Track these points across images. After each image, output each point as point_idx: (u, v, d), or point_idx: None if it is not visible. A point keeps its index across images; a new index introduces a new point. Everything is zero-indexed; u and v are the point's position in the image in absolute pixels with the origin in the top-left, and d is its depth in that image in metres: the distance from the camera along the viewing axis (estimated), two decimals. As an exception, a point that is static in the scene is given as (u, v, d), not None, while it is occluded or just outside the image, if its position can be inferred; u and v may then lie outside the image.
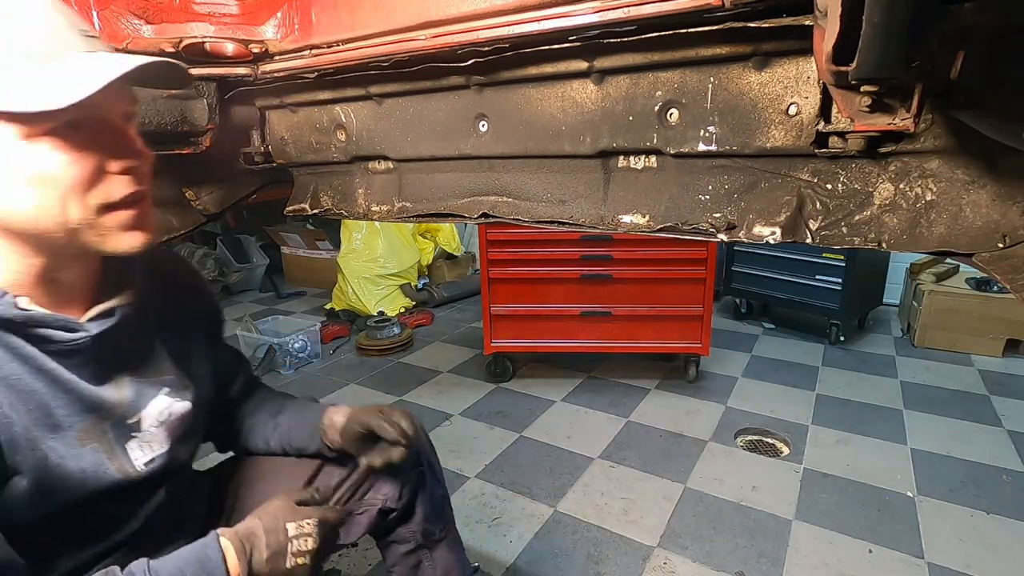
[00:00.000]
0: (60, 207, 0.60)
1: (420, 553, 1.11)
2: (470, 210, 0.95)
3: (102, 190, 0.62)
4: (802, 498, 2.02)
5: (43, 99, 0.55)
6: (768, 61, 0.65)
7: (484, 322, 2.84)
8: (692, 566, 1.71)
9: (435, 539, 1.12)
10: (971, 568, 1.69)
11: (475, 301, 4.38)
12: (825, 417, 2.59)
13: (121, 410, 0.74)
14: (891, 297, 3.90)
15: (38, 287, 0.66)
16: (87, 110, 0.58)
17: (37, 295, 0.66)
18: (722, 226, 0.75)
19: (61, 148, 0.59)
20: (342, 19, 0.81)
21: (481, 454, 2.34)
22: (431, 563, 1.12)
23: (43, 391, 0.66)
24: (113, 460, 0.73)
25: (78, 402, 0.69)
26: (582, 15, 0.65)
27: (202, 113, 0.97)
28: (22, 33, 0.57)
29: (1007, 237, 0.59)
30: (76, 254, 0.67)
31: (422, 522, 1.09)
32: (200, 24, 0.86)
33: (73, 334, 0.67)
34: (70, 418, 0.69)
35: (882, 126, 0.56)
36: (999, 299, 3.09)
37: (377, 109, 0.97)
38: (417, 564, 1.12)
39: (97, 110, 0.60)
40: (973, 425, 2.50)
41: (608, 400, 2.79)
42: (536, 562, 1.74)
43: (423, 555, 1.11)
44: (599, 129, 0.78)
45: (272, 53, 0.89)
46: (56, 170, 0.59)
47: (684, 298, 2.72)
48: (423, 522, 1.09)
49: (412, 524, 1.08)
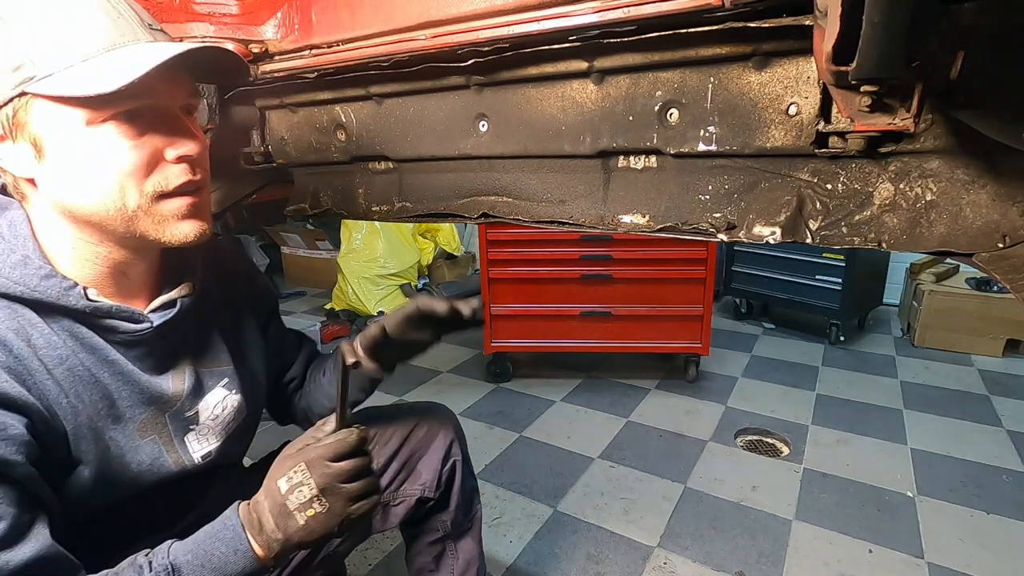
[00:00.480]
0: (119, 193, 0.62)
1: (445, 543, 1.12)
2: (470, 210, 0.95)
3: (159, 177, 0.64)
4: (802, 498, 2.02)
5: (99, 84, 0.57)
6: (768, 61, 0.65)
7: (484, 322, 2.85)
8: (692, 566, 1.71)
9: (463, 529, 1.13)
10: (971, 568, 1.69)
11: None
12: (825, 417, 2.59)
13: (180, 402, 0.76)
14: (891, 297, 3.90)
15: (107, 280, 0.68)
16: (146, 98, 0.61)
17: (105, 288, 0.68)
18: (722, 226, 0.75)
19: (122, 134, 0.61)
20: (342, 19, 0.81)
21: (481, 454, 2.34)
22: (454, 553, 1.13)
23: (108, 382, 0.67)
24: (171, 452, 0.75)
25: (140, 394, 0.70)
26: (582, 15, 0.65)
27: (202, 113, 0.97)
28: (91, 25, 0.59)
29: (1007, 237, 0.59)
30: (138, 245, 0.68)
31: (454, 512, 1.09)
32: (200, 24, 0.86)
33: (137, 325, 0.68)
34: (132, 410, 0.70)
35: (882, 126, 0.56)
36: (999, 299, 3.09)
37: (377, 109, 0.97)
38: (440, 553, 1.12)
39: (158, 98, 0.62)
40: (973, 425, 2.50)
41: (608, 400, 2.79)
42: (536, 562, 1.74)
43: (447, 545, 1.12)
44: (599, 129, 0.78)
45: (272, 53, 0.89)
46: (116, 155, 0.61)
47: (684, 298, 2.72)
48: (455, 512, 1.10)
49: (444, 514, 1.09)
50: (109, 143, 0.60)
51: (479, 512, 1.17)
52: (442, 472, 1.06)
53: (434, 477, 1.05)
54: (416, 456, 1.05)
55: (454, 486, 1.08)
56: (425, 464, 1.04)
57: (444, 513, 1.09)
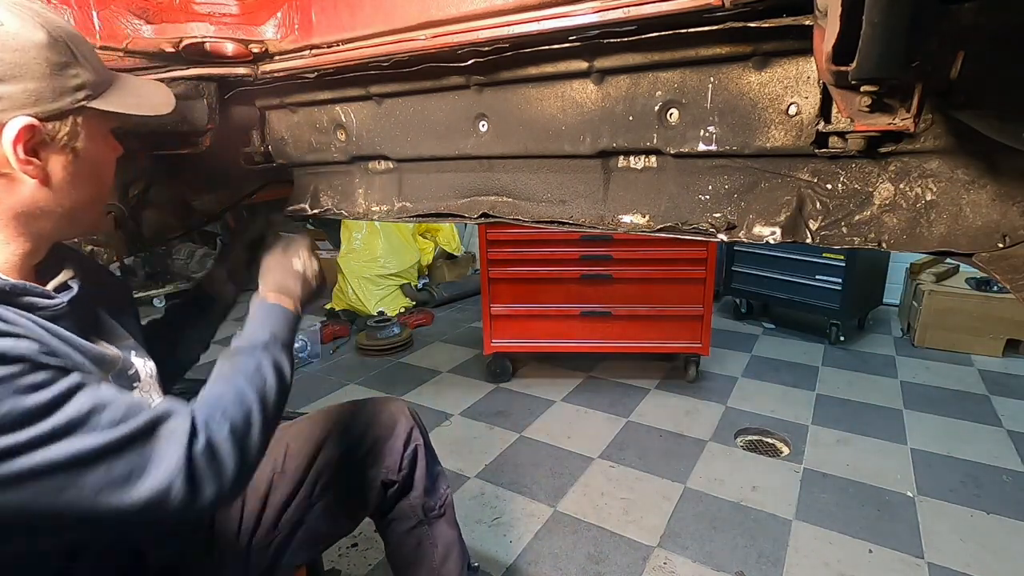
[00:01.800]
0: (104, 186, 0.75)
1: (420, 530, 1.14)
2: (470, 210, 0.95)
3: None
4: (802, 498, 2.02)
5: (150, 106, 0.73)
6: (768, 61, 0.65)
7: (484, 322, 2.85)
8: (692, 566, 1.71)
9: (435, 515, 1.15)
10: (971, 568, 1.69)
11: (475, 301, 4.38)
12: (825, 417, 2.59)
13: (121, 361, 0.79)
14: (891, 297, 3.90)
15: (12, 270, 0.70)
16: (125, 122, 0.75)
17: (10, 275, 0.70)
18: (722, 226, 0.75)
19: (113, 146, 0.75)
20: (342, 19, 0.81)
21: (481, 454, 2.34)
22: (431, 540, 1.14)
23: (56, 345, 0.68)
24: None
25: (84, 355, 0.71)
26: (582, 15, 0.64)
27: (202, 113, 0.96)
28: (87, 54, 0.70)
29: (1007, 237, 0.59)
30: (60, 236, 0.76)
31: (421, 495, 1.13)
32: (200, 24, 0.86)
33: (51, 300, 0.70)
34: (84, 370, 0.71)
35: (882, 126, 0.56)
36: (999, 299, 3.09)
37: (377, 109, 0.97)
38: (418, 542, 1.14)
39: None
40: (973, 425, 2.50)
41: (608, 400, 2.79)
42: (536, 562, 1.74)
43: (423, 532, 1.14)
44: (599, 129, 0.78)
45: (272, 53, 0.89)
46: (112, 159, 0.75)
47: (684, 298, 2.72)
48: (423, 496, 1.13)
49: (411, 498, 1.12)
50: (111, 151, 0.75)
51: (449, 496, 1.19)
52: (404, 456, 1.11)
53: (397, 460, 1.10)
54: (379, 443, 1.10)
55: (417, 469, 1.13)
56: (388, 449, 1.10)
57: (411, 497, 1.12)
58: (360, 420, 1.13)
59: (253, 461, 0.71)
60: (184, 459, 0.62)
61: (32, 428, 0.56)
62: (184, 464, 0.62)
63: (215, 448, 0.66)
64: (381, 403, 1.17)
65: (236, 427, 0.69)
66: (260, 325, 0.85)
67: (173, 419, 0.65)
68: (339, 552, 1.78)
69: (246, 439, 0.70)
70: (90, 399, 0.61)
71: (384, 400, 1.19)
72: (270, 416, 0.75)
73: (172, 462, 0.62)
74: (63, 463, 0.57)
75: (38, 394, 0.57)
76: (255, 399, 0.73)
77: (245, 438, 0.70)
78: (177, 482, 0.61)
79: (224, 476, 0.66)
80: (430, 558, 1.15)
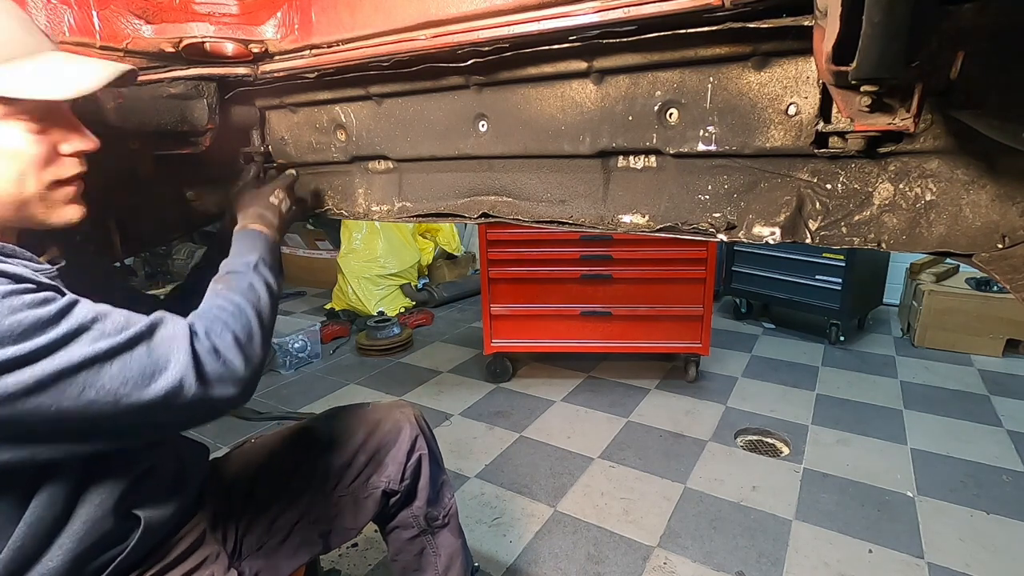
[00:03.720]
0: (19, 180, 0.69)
1: (423, 539, 1.13)
2: (470, 210, 0.95)
3: (56, 168, 0.72)
4: (802, 498, 2.02)
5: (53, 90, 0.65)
6: (768, 61, 0.65)
7: (484, 322, 2.84)
8: (692, 566, 1.71)
9: (438, 524, 1.13)
10: (971, 568, 1.69)
11: (475, 301, 4.39)
12: (825, 417, 2.59)
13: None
14: (891, 297, 3.90)
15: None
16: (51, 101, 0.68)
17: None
18: (722, 226, 0.75)
19: (27, 129, 0.68)
20: (342, 19, 0.81)
21: (481, 454, 2.34)
22: (434, 549, 1.13)
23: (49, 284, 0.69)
24: None
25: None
26: (582, 15, 0.65)
27: (202, 113, 0.96)
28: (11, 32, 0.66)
29: (1007, 237, 0.59)
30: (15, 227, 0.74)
31: (424, 506, 1.11)
32: (200, 24, 0.86)
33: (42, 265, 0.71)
34: None
35: (882, 126, 0.56)
36: (999, 299, 3.09)
37: (377, 109, 0.97)
38: (421, 551, 1.13)
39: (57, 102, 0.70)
40: (973, 425, 2.50)
41: (608, 400, 2.79)
42: (536, 562, 1.74)
43: (426, 541, 1.13)
44: (599, 129, 0.78)
45: (272, 53, 0.89)
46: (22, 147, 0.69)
47: (684, 298, 2.72)
48: (425, 506, 1.11)
49: (414, 508, 1.11)
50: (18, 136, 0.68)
51: (453, 507, 1.17)
52: (407, 466, 1.09)
53: (399, 470, 1.08)
54: (383, 450, 1.08)
55: (420, 479, 1.11)
56: (391, 458, 1.08)
57: (414, 507, 1.11)
58: (364, 426, 1.10)
59: (257, 364, 0.77)
60: (190, 356, 0.67)
61: (47, 333, 0.60)
62: (191, 361, 0.67)
63: (220, 351, 0.71)
64: (386, 409, 1.14)
65: (238, 335, 0.74)
66: (247, 250, 0.89)
67: (168, 322, 0.69)
68: (339, 552, 1.78)
69: (249, 345, 0.76)
70: (91, 309, 0.65)
71: (390, 406, 1.16)
72: (266, 326, 0.81)
73: (181, 359, 0.66)
74: (80, 363, 0.60)
75: (45, 307, 0.61)
76: (252, 312, 0.79)
77: (248, 344, 0.75)
78: (189, 378, 0.66)
79: (234, 374, 0.72)
80: (433, 567, 1.14)
